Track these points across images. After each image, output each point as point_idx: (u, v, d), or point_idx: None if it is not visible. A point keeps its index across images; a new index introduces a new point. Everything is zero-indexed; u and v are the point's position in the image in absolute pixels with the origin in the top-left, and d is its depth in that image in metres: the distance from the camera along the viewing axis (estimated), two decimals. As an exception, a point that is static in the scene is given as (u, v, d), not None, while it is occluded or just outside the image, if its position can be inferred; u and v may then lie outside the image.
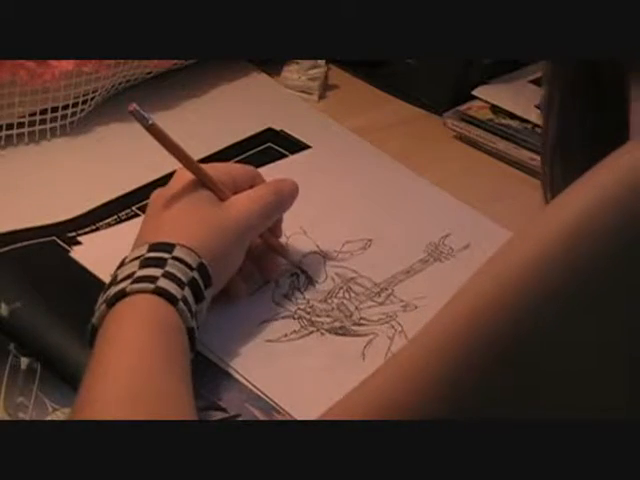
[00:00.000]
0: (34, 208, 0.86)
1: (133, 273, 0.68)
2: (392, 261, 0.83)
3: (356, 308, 0.79)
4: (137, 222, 0.79)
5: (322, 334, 0.76)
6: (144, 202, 0.85)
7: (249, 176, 0.80)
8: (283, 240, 0.83)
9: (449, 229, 0.87)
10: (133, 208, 0.87)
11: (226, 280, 0.75)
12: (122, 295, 0.67)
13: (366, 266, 0.83)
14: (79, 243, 0.82)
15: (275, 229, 0.81)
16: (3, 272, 0.77)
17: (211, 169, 0.77)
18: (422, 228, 0.88)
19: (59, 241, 0.82)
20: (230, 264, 0.75)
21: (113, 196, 0.88)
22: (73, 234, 0.83)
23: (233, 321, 0.76)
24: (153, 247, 0.70)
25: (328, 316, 0.78)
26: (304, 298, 0.79)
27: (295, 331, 0.76)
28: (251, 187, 0.79)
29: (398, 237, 0.86)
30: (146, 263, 0.69)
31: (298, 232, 0.85)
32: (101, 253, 0.80)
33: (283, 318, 0.77)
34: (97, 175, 0.92)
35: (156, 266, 0.69)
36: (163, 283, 0.67)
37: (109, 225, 0.85)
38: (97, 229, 0.85)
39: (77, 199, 0.87)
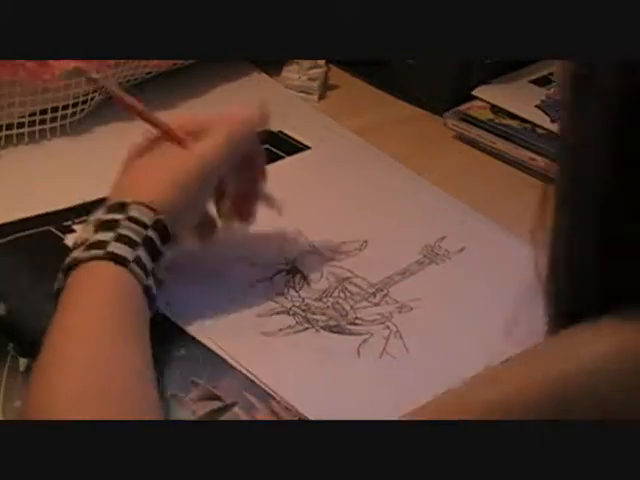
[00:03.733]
0: (34, 208, 0.86)
1: (87, 239, 0.70)
2: (388, 262, 0.83)
3: (351, 307, 0.79)
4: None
5: (317, 331, 0.76)
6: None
7: (216, 120, 0.79)
8: (281, 239, 0.83)
9: (446, 231, 0.87)
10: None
11: (190, 227, 0.76)
12: (75, 263, 0.69)
13: (362, 267, 0.83)
14: (74, 231, 0.82)
15: (256, 173, 0.80)
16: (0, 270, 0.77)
17: (177, 119, 0.78)
18: (419, 229, 0.88)
19: (54, 230, 0.83)
20: (193, 211, 0.76)
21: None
22: (68, 223, 0.84)
23: (229, 314, 0.77)
24: (109, 208, 0.72)
25: (323, 314, 0.78)
26: (299, 296, 0.79)
27: (290, 326, 0.77)
28: None
29: (395, 238, 0.86)
30: (100, 227, 0.71)
31: (295, 231, 0.85)
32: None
33: (278, 314, 0.78)
34: (97, 175, 0.91)
35: (109, 229, 0.70)
36: (114, 247, 0.69)
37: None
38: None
39: (77, 199, 0.87)
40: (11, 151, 0.93)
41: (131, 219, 0.71)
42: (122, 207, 0.71)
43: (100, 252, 0.68)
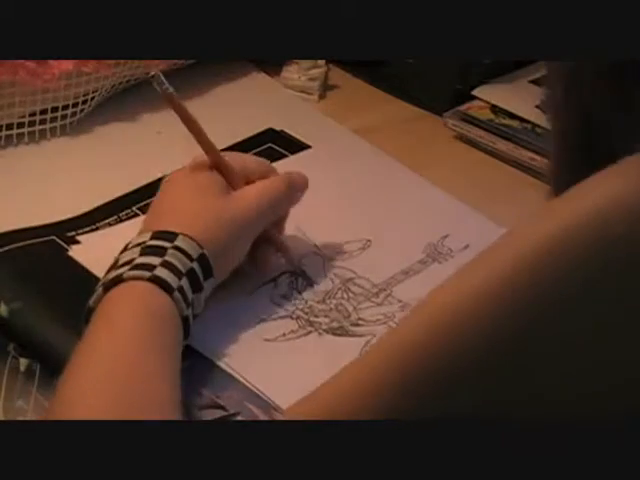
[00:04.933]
0: (34, 208, 0.86)
1: (133, 259, 0.69)
2: (391, 262, 0.83)
3: (354, 309, 0.79)
4: (137, 222, 0.79)
5: (320, 334, 0.76)
6: (144, 202, 0.85)
7: (262, 170, 0.80)
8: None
9: (448, 230, 0.87)
10: (133, 208, 0.87)
11: (229, 271, 0.76)
12: (119, 280, 0.68)
13: (365, 267, 0.82)
14: (78, 242, 0.82)
15: (279, 225, 0.81)
16: (2, 272, 0.77)
17: (226, 157, 0.78)
18: (421, 229, 0.88)
19: (58, 240, 0.82)
20: (234, 255, 0.76)
21: (113, 196, 0.88)
22: (72, 233, 0.83)
23: (231, 320, 0.76)
24: (156, 235, 0.72)
25: (326, 316, 0.78)
26: (302, 298, 0.79)
27: (293, 331, 0.76)
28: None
29: (397, 238, 0.86)
30: (147, 251, 0.70)
31: (297, 232, 0.85)
32: (100, 252, 0.80)
33: (281, 318, 0.77)
34: (97, 175, 0.92)
35: (156, 254, 0.70)
36: (160, 272, 0.68)
37: (109, 225, 0.85)
38: (97, 229, 0.85)
39: (77, 199, 0.87)
40: (11, 151, 0.93)
41: (177, 249, 0.71)
42: (170, 236, 0.71)
43: (147, 274, 0.68)
